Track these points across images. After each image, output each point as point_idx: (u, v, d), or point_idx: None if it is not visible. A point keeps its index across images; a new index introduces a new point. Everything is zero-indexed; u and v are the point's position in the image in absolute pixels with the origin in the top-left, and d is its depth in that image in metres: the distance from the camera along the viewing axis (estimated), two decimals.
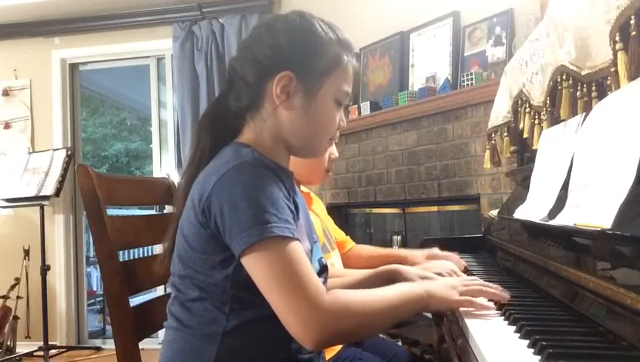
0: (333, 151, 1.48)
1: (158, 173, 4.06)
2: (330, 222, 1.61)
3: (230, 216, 0.78)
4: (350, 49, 0.93)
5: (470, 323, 0.78)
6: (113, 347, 1.05)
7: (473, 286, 0.88)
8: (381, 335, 1.47)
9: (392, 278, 1.10)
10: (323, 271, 0.96)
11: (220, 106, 0.95)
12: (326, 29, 0.91)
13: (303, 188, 1.55)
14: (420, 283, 0.89)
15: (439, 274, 1.21)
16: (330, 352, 1.22)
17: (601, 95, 0.96)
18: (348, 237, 1.68)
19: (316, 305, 0.75)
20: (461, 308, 0.86)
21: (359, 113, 3.01)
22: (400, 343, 2.35)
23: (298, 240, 0.79)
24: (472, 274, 1.14)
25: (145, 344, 1.08)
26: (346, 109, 1.52)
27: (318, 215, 1.48)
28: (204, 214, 0.81)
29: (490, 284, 0.89)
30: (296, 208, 0.87)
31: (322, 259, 0.97)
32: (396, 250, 1.40)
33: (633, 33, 0.80)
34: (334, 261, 1.41)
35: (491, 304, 0.86)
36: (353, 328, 0.79)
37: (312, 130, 0.92)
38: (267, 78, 0.88)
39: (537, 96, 1.29)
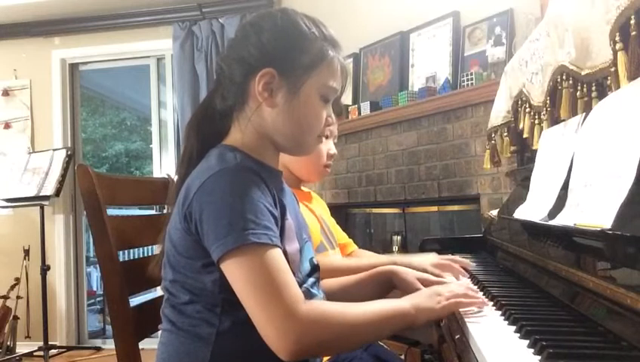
0: (331, 147, 1.46)
1: (158, 173, 4.06)
2: (332, 222, 1.60)
3: (208, 223, 0.78)
4: (335, 45, 0.92)
5: (470, 324, 0.78)
6: (113, 347, 1.05)
7: (457, 291, 0.89)
8: (382, 344, 1.46)
9: (389, 280, 1.09)
10: (314, 271, 0.96)
11: (207, 107, 0.94)
12: (310, 24, 0.90)
13: (303, 187, 1.54)
14: (407, 298, 0.88)
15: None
16: None
17: (601, 95, 0.96)
18: (350, 240, 1.67)
19: (292, 314, 0.73)
20: (460, 309, 0.86)
21: (359, 113, 3.01)
22: (400, 343, 2.34)
23: (278, 246, 0.78)
24: (477, 279, 1.14)
25: (145, 344, 1.08)
26: (344, 108, 1.51)
27: (314, 213, 1.46)
28: (186, 220, 0.81)
29: (475, 293, 0.89)
30: (284, 208, 0.86)
31: (313, 259, 0.97)
32: (397, 257, 1.35)
33: (633, 33, 0.80)
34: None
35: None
36: (331, 339, 0.77)
37: (297, 126, 0.91)
38: (251, 75, 0.88)
39: (537, 96, 1.29)
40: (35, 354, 3.60)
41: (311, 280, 0.93)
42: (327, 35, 0.91)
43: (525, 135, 1.39)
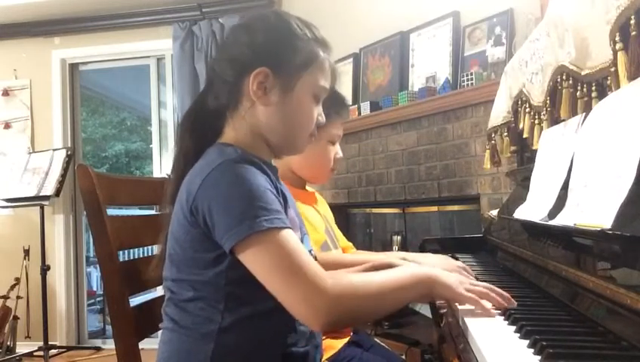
0: (338, 151, 1.50)
1: (158, 173, 4.07)
2: (334, 223, 1.61)
3: (218, 213, 0.78)
4: (326, 46, 0.94)
5: (470, 323, 0.78)
6: (113, 347, 1.05)
7: (481, 286, 0.87)
8: (383, 344, 1.46)
9: None
10: None
11: (199, 107, 0.95)
12: (302, 26, 0.92)
13: (307, 187, 1.56)
14: (427, 267, 0.89)
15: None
16: (330, 351, 1.22)
17: (601, 95, 0.96)
18: (350, 243, 1.68)
19: (320, 287, 0.75)
20: (462, 306, 0.86)
21: (359, 113, 3.01)
22: (400, 343, 2.34)
23: (290, 228, 0.80)
24: (477, 279, 1.13)
25: (145, 344, 1.08)
26: (346, 109, 1.52)
27: (320, 213, 1.49)
28: (193, 214, 0.81)
29: (498, 290, 0.86)
30: (285, 199, 0.88)
31: (312, 251, 0.98)
32: (408, 255, 1.30)
33: (633, 33, 0.80)
34: None
35: (496, 311, 0.83)
36: (359, 308, 0.79)
37: (289, 125, 0.92)
38: (244, 75, 0.89)
39: (537, 96, 1.29)
40: (35, 354, 3.60)
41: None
42: (319, 37, 0.93)
43: (525, 135, 1.39)
